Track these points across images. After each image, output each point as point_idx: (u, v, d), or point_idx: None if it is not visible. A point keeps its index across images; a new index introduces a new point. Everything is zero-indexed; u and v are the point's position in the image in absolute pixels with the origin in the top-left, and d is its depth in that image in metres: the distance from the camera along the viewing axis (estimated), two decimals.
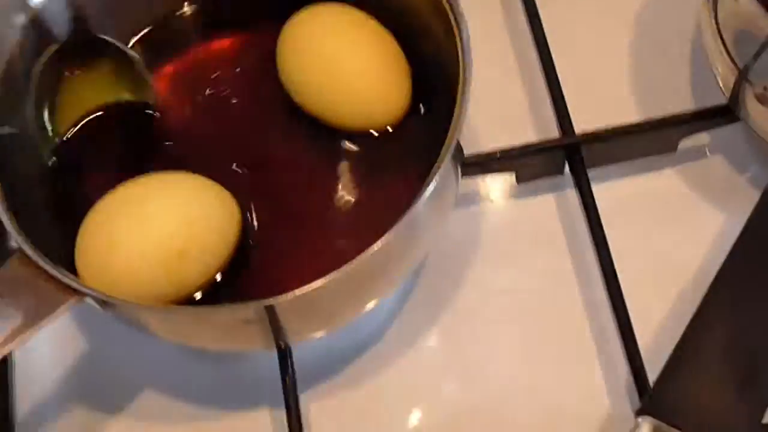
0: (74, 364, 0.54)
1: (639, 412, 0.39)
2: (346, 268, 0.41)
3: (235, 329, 0.44)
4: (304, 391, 0.52)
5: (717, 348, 0.40)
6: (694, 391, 0.39)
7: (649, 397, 0.39)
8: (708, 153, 0.56)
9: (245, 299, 0.43)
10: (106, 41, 0.51)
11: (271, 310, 0.42)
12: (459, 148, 0.47)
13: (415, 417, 0.52)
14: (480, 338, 0.53)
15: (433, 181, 0.42)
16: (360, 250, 0.41)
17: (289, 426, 0.49)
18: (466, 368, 0.53)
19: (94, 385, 0.53)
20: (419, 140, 0.49)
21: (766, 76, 0.46)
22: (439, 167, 0.43)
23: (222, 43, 0.54)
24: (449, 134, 0.43)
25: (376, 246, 0.41)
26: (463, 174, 0.52)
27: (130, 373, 0.53)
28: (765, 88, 0.47)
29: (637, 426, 0.39)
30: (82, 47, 0.51)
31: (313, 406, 0.52)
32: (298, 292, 0.41)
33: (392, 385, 0.52)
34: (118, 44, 0.51)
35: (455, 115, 0.44)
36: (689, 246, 0.53)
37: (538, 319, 0.53)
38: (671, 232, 0.54)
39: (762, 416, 0.39)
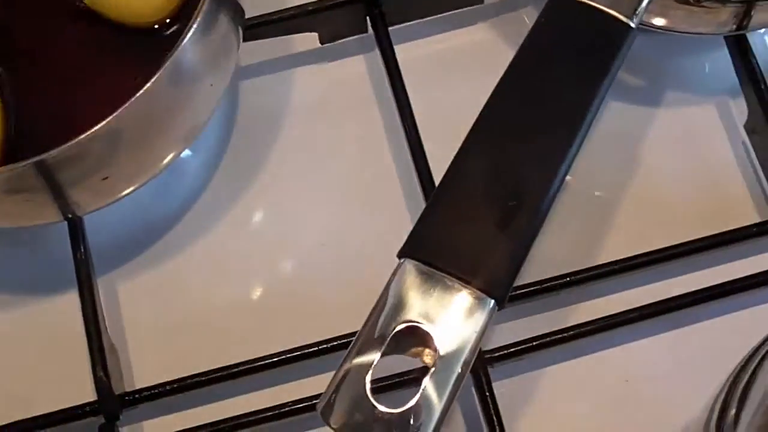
0: None
1: (400, 254, 0.38)
2: (102, 124, 0.39)
3: (10, 199, 0.42)
4: (105, 272, 0.50)
5: (478, 186, 0.38)
6: (455, 231, 0.37)
7: (408, 239, 0.38)
8: (518, 6, 0.55)
9: None
10: None
11: (32, 174, 0.40)
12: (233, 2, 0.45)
13: (230, 289, 0.51)
14: (293, 203, 0.52)
15: (194, 25, 0.40)
16: None
17: (83, 305, 0.47)
18: (280, 233, 0.52)
19: None
20: None
21: None
22: (197, 15, 0.41)
23: None
24: None
25: (141, 92, 0.40)
26: (260, 35, 0.51)
27: None
28: None
29: (398, 267, 0.38)
30: None
31: (121, 287, 0.51)
32: (62, 147, 0.39)
33: (202, 260, 0.51)
34: None
35: None
36: None
37: (349, 180, 0.52)
38: (480, 88, 0.53)
39: (525, 253, 0.38)
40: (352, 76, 0.54)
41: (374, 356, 0.36)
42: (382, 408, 0.36)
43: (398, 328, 0.37)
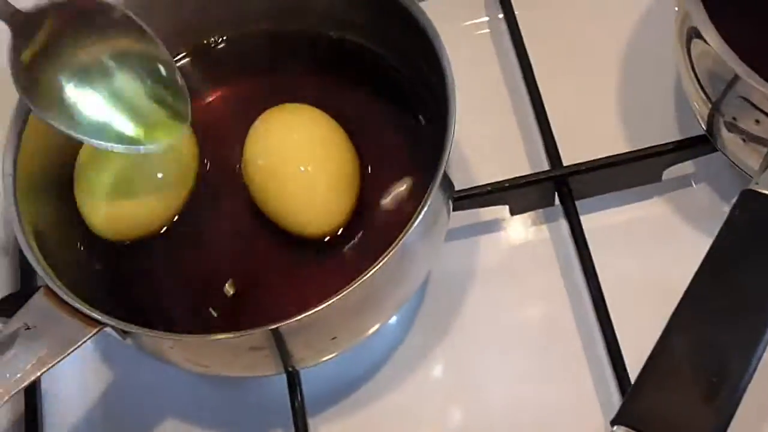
0: (100, 392, 0.58)
1: (613, 422, 0.42)
2: (345, 292, 0.45)
3: (243, 355, 0.48)
4: (313, 415, 0.55)
5: (685, 359, 0.42)
6: (664, 401, 0.42)
7: (622, 407, 0.42)
8: (693, 182, 0.59)
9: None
10: None
11: (276, 335, 0.46)
12: (449, 182, 0.50)
13: None
14: (480, 361, 0.56)
15: (424, 209, 0.46)
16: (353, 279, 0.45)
17: None
18: (469, 391, 0.56)
19: (119, 413, 0.57)
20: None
21: (734, 108, 0.49)
22: (428, 198, 0.46)
23: None
24: (439, 165, 0.47)
25: (372, 270, 0.45)
26: (458, 207, 0.56)
27: (152, 401, 0.57)
28: (734, 119, 0.50)
29: None
30: None
31: (322, 430, 0.55)
32: (301, 316, 0.45)
33: (398, 408, 0.56)
34: None
35: (445, 141, 0.47)
36: (675, 270, 0.54)
37: (534, 343, 0.56)
38: (657, 257, 0.57)
39: (728, 424, 0.42)
40: (536, 244, 0.59)
41: None
42: None
43: None
